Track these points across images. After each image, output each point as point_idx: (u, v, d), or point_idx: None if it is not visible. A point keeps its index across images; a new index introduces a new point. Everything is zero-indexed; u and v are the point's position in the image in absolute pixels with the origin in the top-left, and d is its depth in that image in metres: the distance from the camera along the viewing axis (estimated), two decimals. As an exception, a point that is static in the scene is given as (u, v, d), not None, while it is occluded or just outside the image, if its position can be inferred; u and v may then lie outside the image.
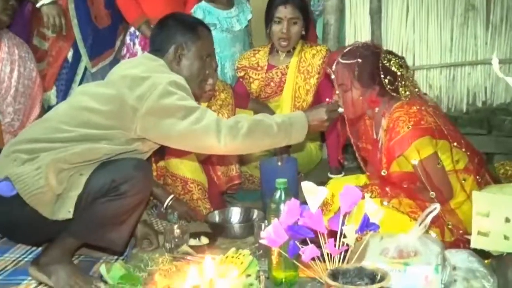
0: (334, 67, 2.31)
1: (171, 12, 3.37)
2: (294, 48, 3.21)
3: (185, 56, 2.27)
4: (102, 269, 2.02)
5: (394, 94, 2.25)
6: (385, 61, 2.25)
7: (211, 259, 1.78)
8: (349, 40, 3.58)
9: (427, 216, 1.74)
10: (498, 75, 1.95)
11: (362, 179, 2.53)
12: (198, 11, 3.39)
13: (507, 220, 1.78)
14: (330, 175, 3.15)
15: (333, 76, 2.33)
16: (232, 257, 2.02)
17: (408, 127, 2.16)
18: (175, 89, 2.06)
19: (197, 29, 2.32)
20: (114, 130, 2.05)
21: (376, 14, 3.43)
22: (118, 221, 2.03)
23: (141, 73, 2.10)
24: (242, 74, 3.31)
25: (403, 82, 2.25)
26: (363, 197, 1.74)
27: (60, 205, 1.98)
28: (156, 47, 2.30)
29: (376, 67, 2.25)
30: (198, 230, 2.54)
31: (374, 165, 2.37)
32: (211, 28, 3.38)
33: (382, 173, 2.26)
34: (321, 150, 3.39)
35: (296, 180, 2.76)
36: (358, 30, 3.57)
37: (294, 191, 2.35)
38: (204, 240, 2.43)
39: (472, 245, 1.85)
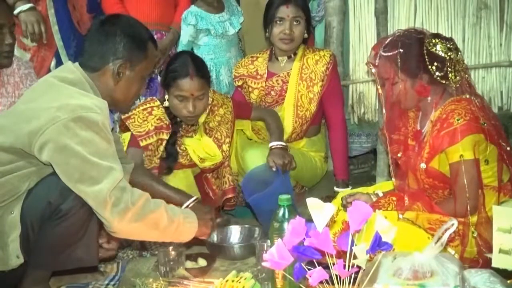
0: (377, 61, 2.32)
1: (160, 15, 3.33)
2: (295, 54, 3.20)
3: (126, 76, 2.09)
4: (91, 296, 2.01)
5: (444, 82, 2.24)
6: (430, 47, 2.24)
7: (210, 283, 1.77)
8: (353, 43, 3.59)
9: (443, 233, 1.72)
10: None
11: (371, 191, 2.51)
12: (190, 17, 3.41)
13: (531, 236, 1.76)
14: (336, 189, 3.13)
15: (374, 70, 2.34)
16: (233, 280, 2.03)
17: (463, 120, 2.16)
18: (79, 129, 1.87)
19: (147, 46, 2.14)
20: (16, 164, 1.95)
21: (382, 15, 3.42)
22: (76, 239, 1.98)
23: (42, 104, 1.94)
24: (240, 83, 3.29)
25: (452, 67, 2.23)
26: (374, 211, 1.72)
27: (5, 255, 1.94)
28: (90, 57, 2.09)
29: (420, 55, 2.24)
30: (195, 251, 2.52)
31: (409, 162, 2.35)
32: (205, 34, 3.43)
33: (421, 166, 2.26)
34: (326, 162, 3.36)
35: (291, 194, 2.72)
36: (362, 32, 3.58)
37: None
38: (202, 262, 2.41)
39: (494, 264, 1.83)
